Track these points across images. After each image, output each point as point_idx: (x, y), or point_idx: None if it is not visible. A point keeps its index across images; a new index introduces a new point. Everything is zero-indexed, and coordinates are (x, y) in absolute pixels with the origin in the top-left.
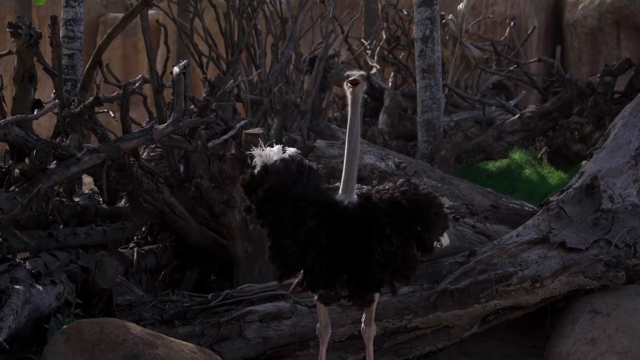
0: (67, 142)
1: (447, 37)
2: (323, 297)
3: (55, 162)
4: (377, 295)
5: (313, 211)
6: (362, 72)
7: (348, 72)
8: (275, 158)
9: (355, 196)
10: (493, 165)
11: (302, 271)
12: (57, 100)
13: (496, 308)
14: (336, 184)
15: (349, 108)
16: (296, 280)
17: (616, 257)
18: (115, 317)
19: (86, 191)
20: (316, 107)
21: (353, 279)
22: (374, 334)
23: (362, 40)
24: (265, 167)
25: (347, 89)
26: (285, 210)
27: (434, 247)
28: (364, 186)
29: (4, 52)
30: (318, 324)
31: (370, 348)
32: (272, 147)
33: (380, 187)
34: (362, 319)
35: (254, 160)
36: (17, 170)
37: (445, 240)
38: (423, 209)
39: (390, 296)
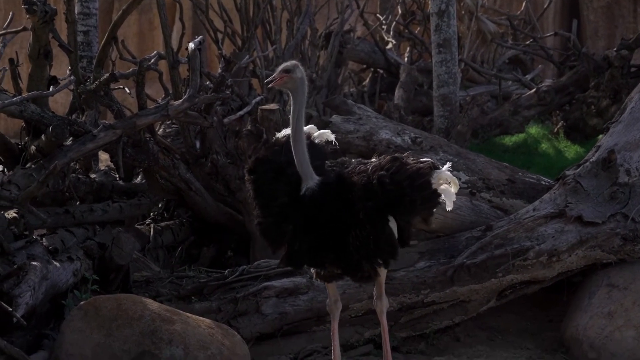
0: (83, 118)
1: (463, 12)
2: (319, 275)
3: (71, 138)
4: (382, 271)
5: (285, 189)
6: (291, 62)
7: (280, 67)
8: (286, 133)
9: (316, 180)
10: (509, 140)
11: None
12: (72, 77)
13: (513, 282)
14: (339, 159)
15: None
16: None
17: (633, 231)
18: (132, 293)
19: (102, 168)
20: (332, 83)
21: (338, 259)
22: (386, 307)
23: (378, 15)
24: (266, 141)
25: (282, 83)
26: (262, 183)
27: (429, 222)
28: (354, 161)
29: (19, 29)
30: (328, 300)
31: (383, 321)
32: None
33: (363, 166)
34: (374, 293)
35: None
36: (33, 147)
37: (448, 204)
38: (395, 198)
39: (407, 271)
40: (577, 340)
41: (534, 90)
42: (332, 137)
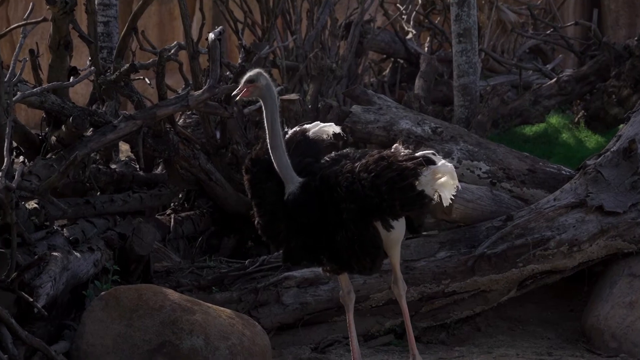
0: (104, 109)
1: (483, 1)
2: (324, 269)
3: (91, 129)
4: (394, 256)
5: (274, 189)
6: (255, 70)
7: (244, 77)
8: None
9: (297, 184)
10: (530, 130)
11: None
12: (92, 68)
13: (534, 272)
14: (342, 150)
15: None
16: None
17: None
18: (152, 283)
19: (123, 158)
20: (352, 73)
21: (331, 257)
22: (404, 291)
23: (398, 5)
24: (264, 140)
25: (248, 94)
26: (256, 182)
27: (437, 214)
28: (351, 151)
29: (40, 20)
30: (340, 292)
31: (403, 305)
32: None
33: (351, 165)
34: (391, 279)
35: None
36: (53, 138)
37: (445, 198)
38: (374, 204)
39: (428, 261)
40: (598, 330)
41: (554, 79)
42: (337, 129)
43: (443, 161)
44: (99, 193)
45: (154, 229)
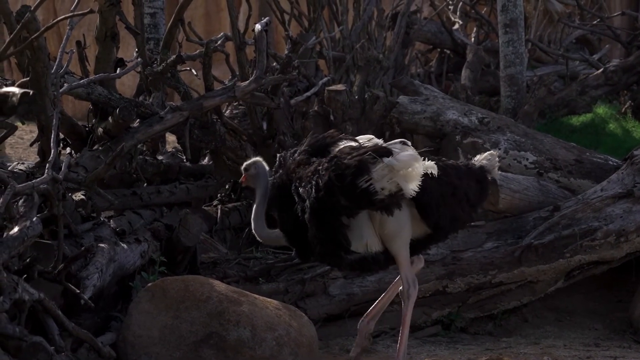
0: (150, 100)
1: None
2: None
3: (138, 120)
4: (397, 251)
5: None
6: (252, 159)
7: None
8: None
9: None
10: (577, 120)
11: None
12: (139, 59)
13: (581, 263)
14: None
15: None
16: None
17: None
18: (199, 274)
19: (169, 149)
20: (399, 63)
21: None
22: (408, 291)
23: None
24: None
25: (245, 181)
26: None
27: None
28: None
29: (86, 11)
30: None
31: (405, 309)
32: None
33: (315, 165)
34: None
35: None
36: (100, 129)
37: (407, 189)
38: (320, 205)
39: (475, 252)
40: None
41: (601, 70)
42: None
43: (404, 152)
44: (145, 184)
45: (200, 220)
